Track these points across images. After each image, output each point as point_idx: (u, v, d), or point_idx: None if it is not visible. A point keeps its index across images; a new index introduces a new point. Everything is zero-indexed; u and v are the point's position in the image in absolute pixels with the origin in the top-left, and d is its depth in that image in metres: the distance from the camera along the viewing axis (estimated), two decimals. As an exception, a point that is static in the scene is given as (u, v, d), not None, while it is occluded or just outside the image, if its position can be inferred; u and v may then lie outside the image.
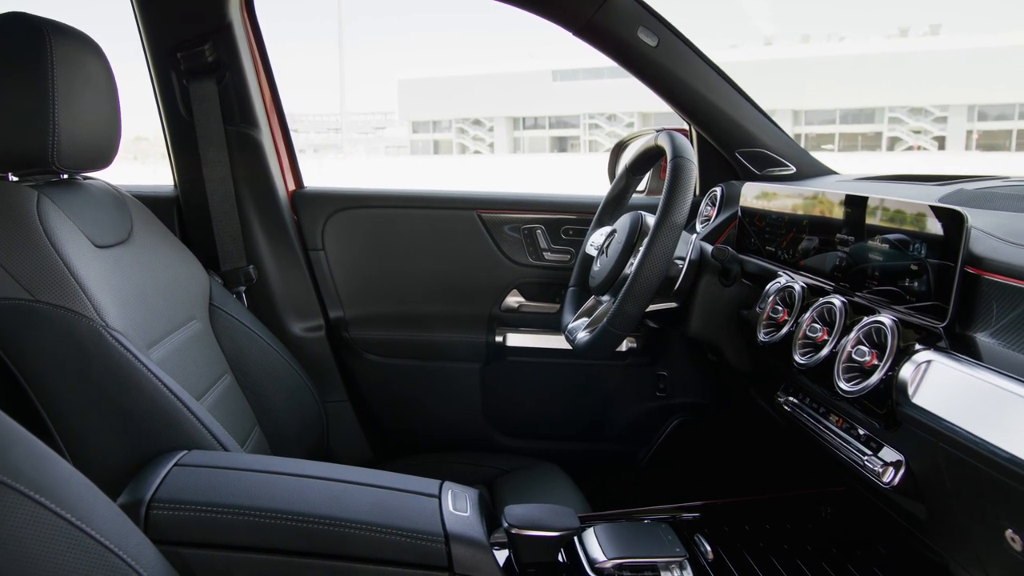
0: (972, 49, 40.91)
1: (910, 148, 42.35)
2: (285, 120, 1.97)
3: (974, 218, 1.00)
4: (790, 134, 1.83)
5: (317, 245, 1.96)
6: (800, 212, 1.35)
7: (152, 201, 1.61)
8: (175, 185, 1.89)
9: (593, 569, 1.11)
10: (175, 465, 1.05)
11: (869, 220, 1.13)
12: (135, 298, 1.27)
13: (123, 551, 0.77)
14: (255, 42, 1.88)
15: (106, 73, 1.29)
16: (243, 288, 1.83)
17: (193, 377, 1.38)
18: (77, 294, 1.12)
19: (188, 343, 1.42)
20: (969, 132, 41.55)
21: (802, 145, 1.83)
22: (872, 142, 43.42)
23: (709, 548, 1.19)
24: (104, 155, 1.32)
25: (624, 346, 1.93)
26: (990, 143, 41.21)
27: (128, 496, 0.99)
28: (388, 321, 1.99)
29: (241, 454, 1.21)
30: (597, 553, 1.13)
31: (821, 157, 1.86)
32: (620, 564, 1.11)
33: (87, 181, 1.40)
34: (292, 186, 2.00)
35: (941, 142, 41.87)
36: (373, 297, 1.99)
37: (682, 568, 1.12)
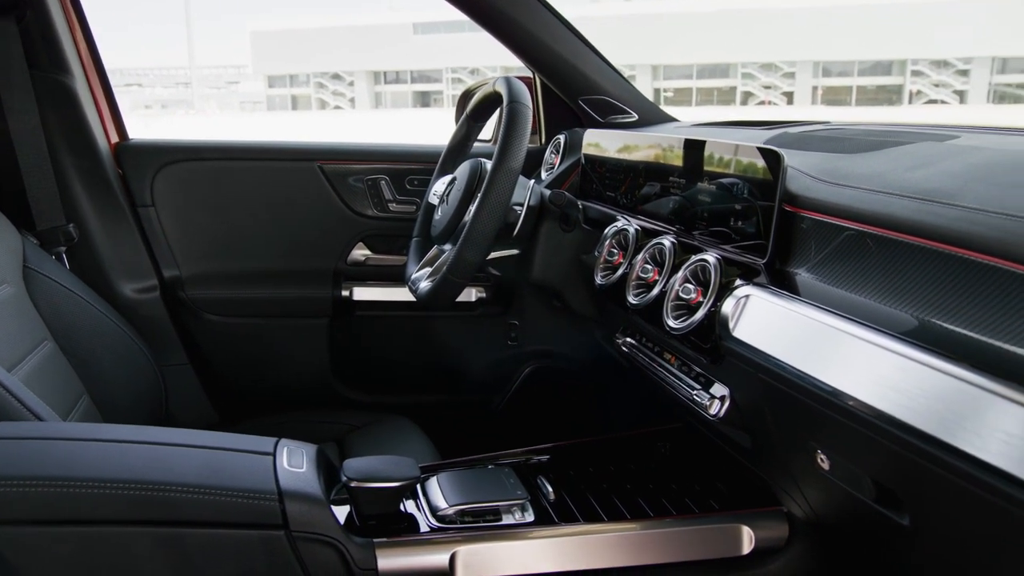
0: (816, 8, 42.89)
1: (762, 103, 44.19)
2: (103, 66, 1.83)
3: (792, 158, 1.04)
4: (650, 89, 1.85)
5: (146, 201, 1.84)
6: (638, 158, 1.37)
7: None
8: None
9: (435, 516, 1.11)
10: None
11: (700, 164, 1.16)
12: None
13: None
14: None
15: None
16: (63, 248, 1.70)
17: (4, 346, 1.27)
18: None
19: None
20: (815, 88, 43.74)
21: (660, 101, 1.85)
22: (727, 96, 45.02)
23: (551, 489, 1.21)
24: None
25: (474, 296, 1.93)
26: (833, 98, 43.52)
27: None
28: (227, 279, 1.91)
29: (56, 423, 1.13)
30: (439, 500, 1.13)
31: (675, 111, 1.89)
32: (462, 510, 1.11)
33: None
34: (115, 138, 1.86)
35: (790, 97, 43.91)
36: (210, 254, 1.90)
37: (523, 510, 1.14)
